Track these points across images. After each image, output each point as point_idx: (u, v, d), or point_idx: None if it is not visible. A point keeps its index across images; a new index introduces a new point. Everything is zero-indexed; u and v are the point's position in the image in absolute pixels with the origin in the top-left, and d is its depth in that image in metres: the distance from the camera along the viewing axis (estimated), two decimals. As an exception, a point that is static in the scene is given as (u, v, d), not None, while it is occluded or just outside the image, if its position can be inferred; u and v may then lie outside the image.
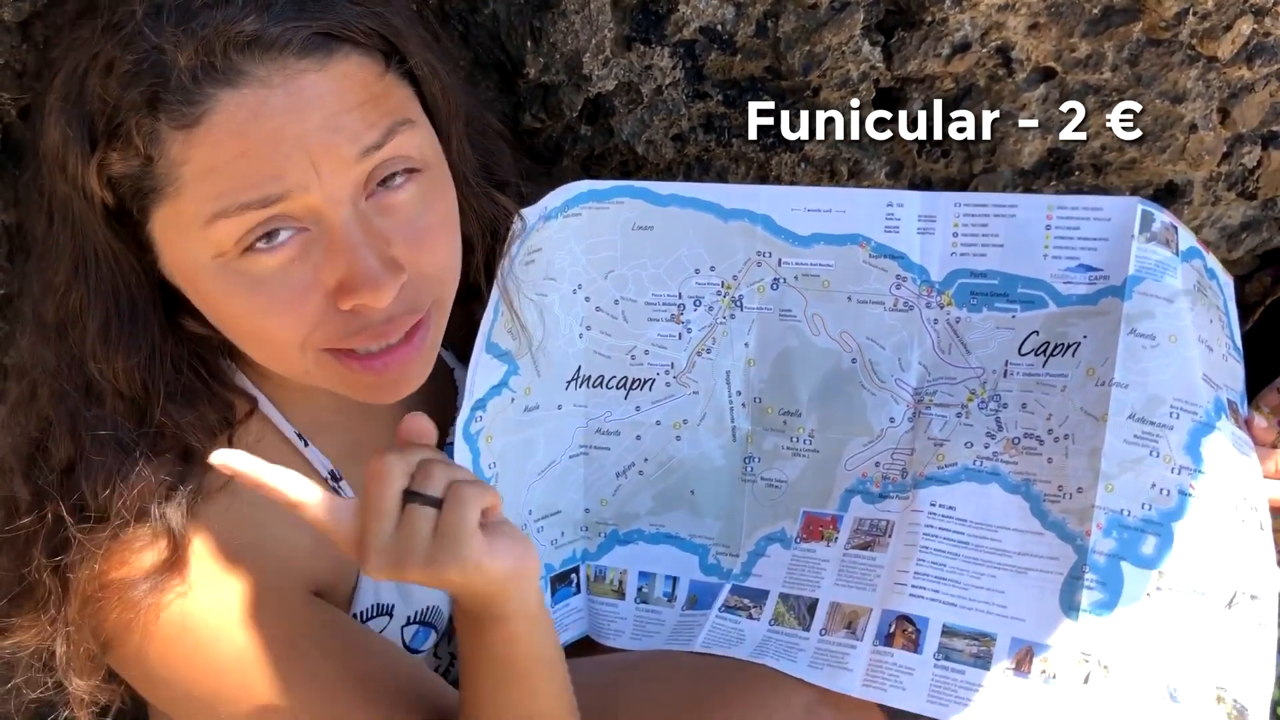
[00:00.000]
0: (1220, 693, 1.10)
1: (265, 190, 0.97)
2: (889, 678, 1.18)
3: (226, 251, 1.00)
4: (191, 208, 0.98)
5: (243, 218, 0.97)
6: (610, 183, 1.31)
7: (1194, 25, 1.33)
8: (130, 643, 1.06)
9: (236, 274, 1.01)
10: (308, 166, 0.97)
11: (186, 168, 0.97)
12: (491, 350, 1.27)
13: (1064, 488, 1.18)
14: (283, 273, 1.01)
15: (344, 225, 1.00)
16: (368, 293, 1.01)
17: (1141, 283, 1.18)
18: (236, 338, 1.08)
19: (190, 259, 1.02)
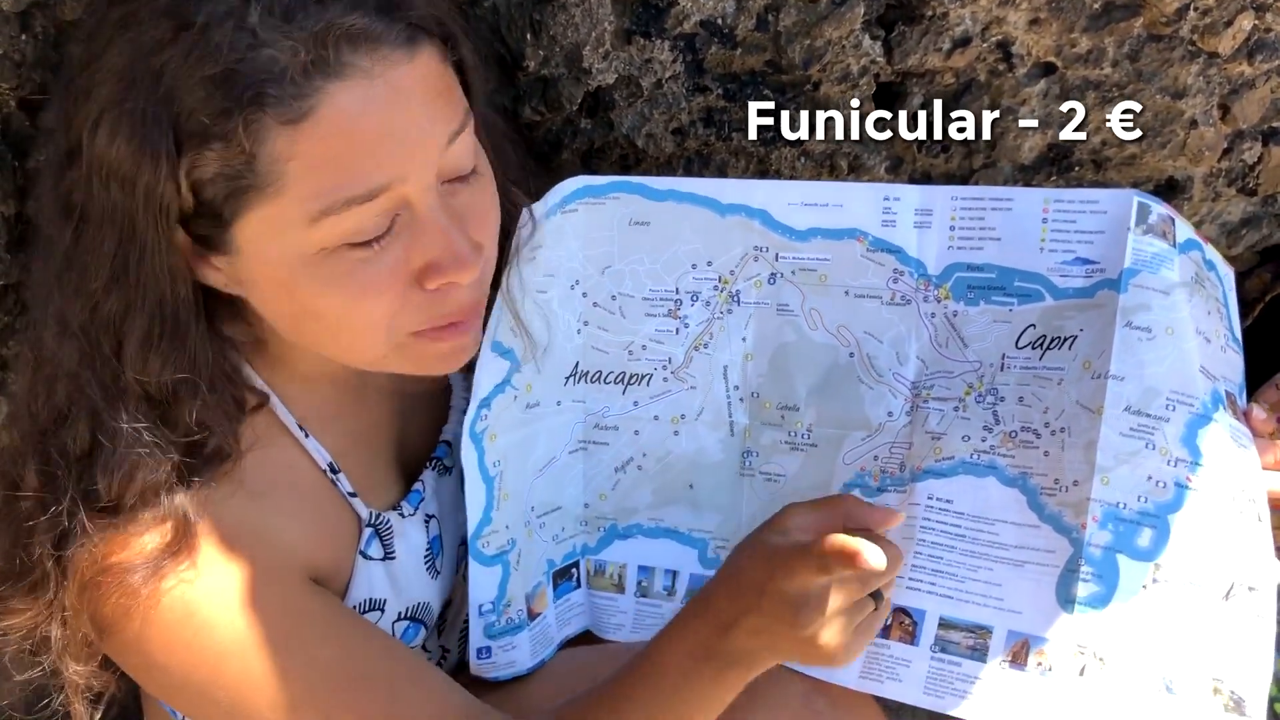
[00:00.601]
0: (1217, 684, 1.11)
1: (371, 183, 1.00)
2: (886, 670, 1.19)
3: (329, 245, 1.02)
4: (294, 205, 1.00)
5: (347, 213, 1.00)
6: (607, 178, 1.33)
7: (1195, 21, 1.34)
8: (129, 628, 1.07)
9: (329, 266, 1.04)
10: (407, 157, 1.01)
11: (292, 163, 0.98)
12: (496, 349, 1.29)
13: (1060, 480, 1.19)
14: (374, 260, 1.04)
15: (432, 209, 1.05)
16: (455, 271, 1.06)
17: (1137, 275, 1.18)
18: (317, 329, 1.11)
19: (280, 256, 1.04)
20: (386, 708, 1.13)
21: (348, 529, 1.25)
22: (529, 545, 1.37)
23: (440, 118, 1.04)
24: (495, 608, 1.34)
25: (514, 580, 1.35)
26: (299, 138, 0.97)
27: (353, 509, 1.25)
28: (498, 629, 1.34)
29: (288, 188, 0.99)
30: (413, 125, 1.02)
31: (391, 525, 1.28)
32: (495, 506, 1.32)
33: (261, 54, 0.95)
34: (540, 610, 1.39)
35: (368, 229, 1.02)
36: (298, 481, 1.22)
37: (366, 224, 1.02)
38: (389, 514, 1.28)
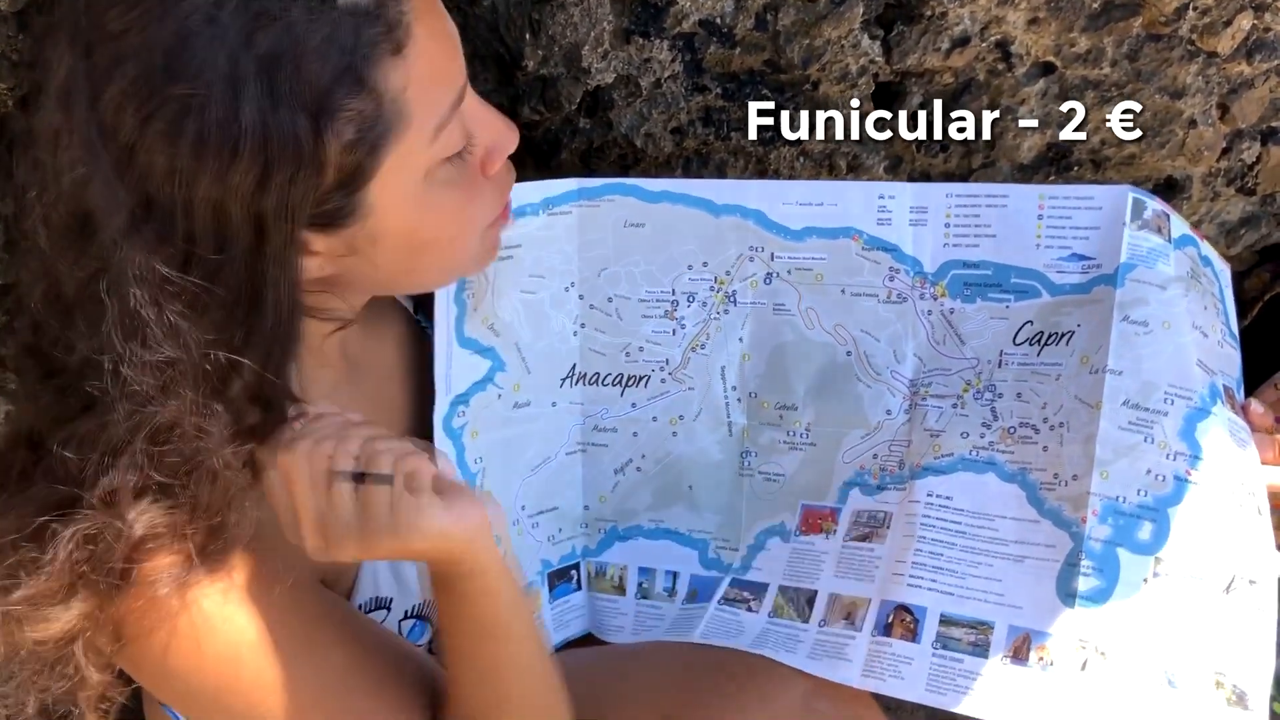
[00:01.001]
0: (1219, 678, 1.11)
1: (458, 84, 1.04)
2: (888, 668, 1.20)
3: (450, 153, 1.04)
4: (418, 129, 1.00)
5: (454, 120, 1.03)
6: (601, 180, 1.34)
7: (1194, 20, 1.35)
8: (152, 638, 1.06)
9: (438, 183, 1.05)
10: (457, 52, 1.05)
11: (410, 88, 0.98)
12: (469, 345, 1.29)
13: (1059, 475, 1.20)
14: (462, 163, 1.07)
15: (476, 100, 1.08)
16: (508, 145, 1.11)
17: (1134, 270, 1.19)
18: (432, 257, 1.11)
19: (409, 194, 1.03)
20: (395, 711, 1.13)
21: None
22: (518, 544, 1.37)
23: None
24: None
25: None
26: (409, 62, 0.97)
27: None
28: None
29: (413, 114, 0.99)
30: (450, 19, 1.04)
31: None
32: None
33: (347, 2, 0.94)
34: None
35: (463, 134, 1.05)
36: None
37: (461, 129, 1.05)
38: None
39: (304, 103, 0.92)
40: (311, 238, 1.01)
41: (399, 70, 0.96)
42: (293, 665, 1.08)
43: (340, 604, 1.19)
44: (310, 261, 1.03)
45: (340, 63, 0.93)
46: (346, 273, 1.08)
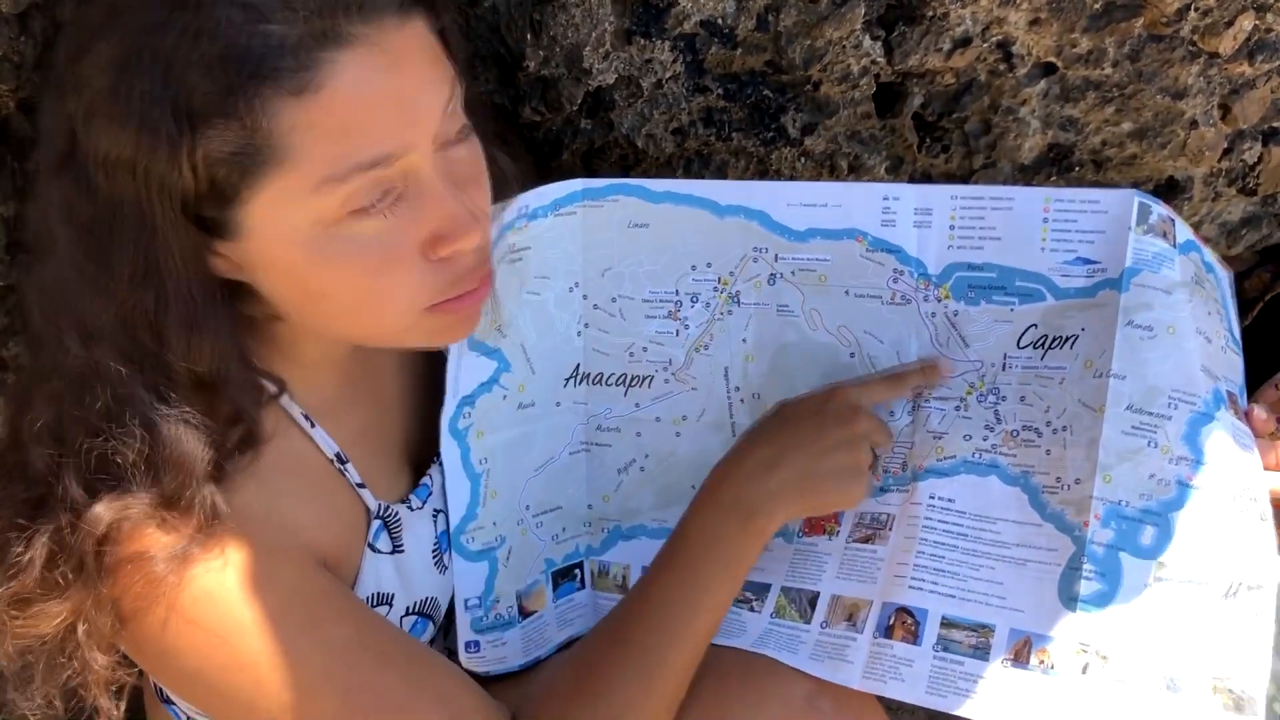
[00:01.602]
0: (1217, 682, 1.12)
1: (378, 150, 1.01)
2: (889, 669, 1.20)
3: (329, 217, 1.03)
4: (301, 174, 1.00)
5: (352, 181, 1.01)
6: (605, 181, 1.35)
7: (1195, 21, 1.36)
8: (152, 617, 1.07)
9: (339, 239, 1.04)
10: (409, 123, 1.03)
11: (298, 134, 0.98)
12: (477, 348, 1.31)
13: (1062, 479, 1.21)
14: (380, 233, 1.05)
15: (432, 179, 1.06)
16: (462, 238, 1.08)
17: (1139, 274, 1.20)
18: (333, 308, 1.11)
19: (291, 234, 1.04)
20: (402, 686, 1.14)
21: (356, 519, 1.27)
22: (522, 543, 1.39)
23: (436, 84, 1.05)
24: (482, 603, 1.36)
25: (502, 577, 1.37)
26: (308, 108, 0.98)
27: (361, 500, 1.27)
28: (485, 624, 1.36)
29: (298, 159, 0.99)
30: (414, 91, 1.03)
31: (400, 518, 1.30)
32: (481, 503, 1.34)
33: (264, 28, 0.96)
34: (536, 609, 1.40)
35: (372, 197, 1.03)
36: (306, 469, 1.23)
37: (371, 192, 1.03)
38: (398, 506, 1.30)
39: (181, 103, 0.97)
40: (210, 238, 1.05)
41: (293, 111, 0.98)
42: (296, 640, 1.10)
43: (340, 586, 1.20)
44: (219, 261, 1.07)
45: (227, 81, 0.96)
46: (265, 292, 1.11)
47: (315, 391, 1.24)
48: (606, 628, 1.24)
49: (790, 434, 1.25)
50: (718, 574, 1.21)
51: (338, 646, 1.13)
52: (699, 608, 1.20)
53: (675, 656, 1.18)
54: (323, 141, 0.99)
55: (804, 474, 1.22)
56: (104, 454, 1.07)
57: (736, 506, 1.22)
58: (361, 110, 0.99)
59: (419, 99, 1.03)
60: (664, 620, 1.19)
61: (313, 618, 1.13)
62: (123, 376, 1.07)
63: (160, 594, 1.06)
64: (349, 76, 0.98)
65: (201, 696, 1.17)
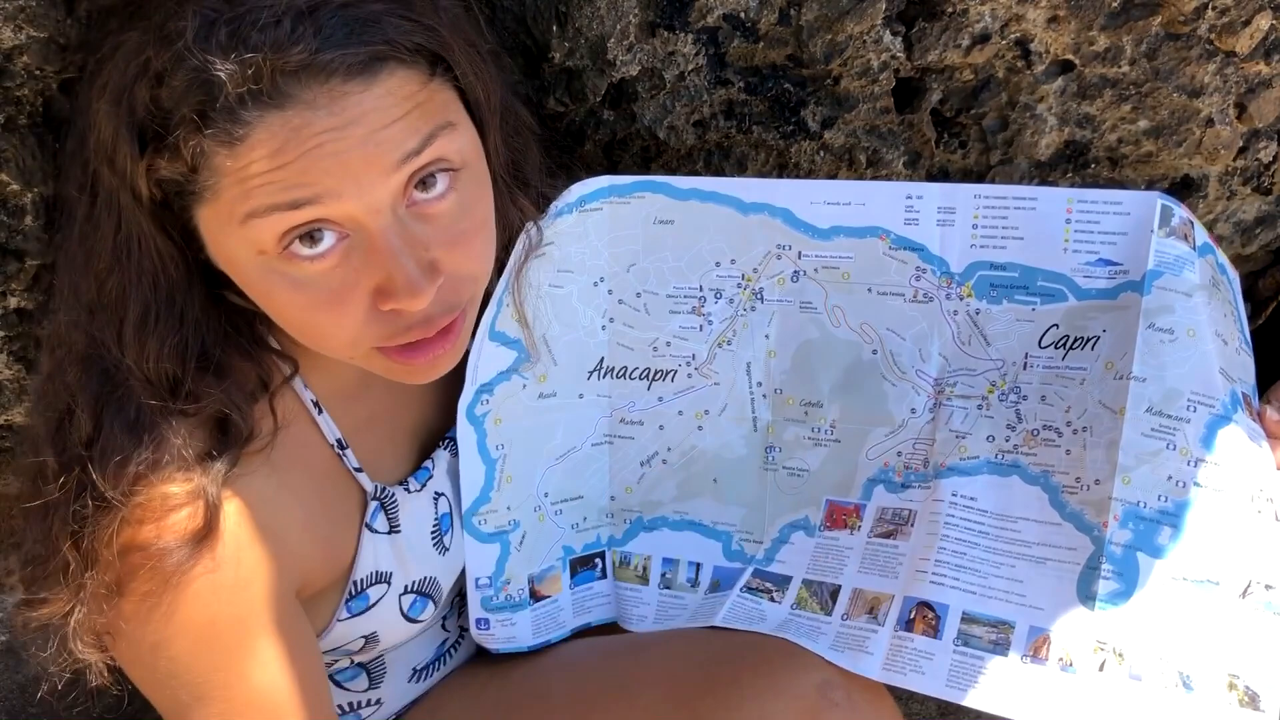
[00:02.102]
0: (1232, 679, 1.15)
1: (293, 195, 1.01)
2: (909, 662, 1.23)
3: (267, 250, 1.04)
4: (227, 209, 1.03)
5: (273, 218, 1.02)
6: (631, 178, 1.36)
7: (1213, 20, 1.37)
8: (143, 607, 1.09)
9: (279, 273, 1.06)
10: (343, 176, 1.01)
11: (227, 178, 1.01)
12: (497, 338, 1.33)
13: (1082, 479, 1.23)
14: (324, 276, 1.06)
15: (383, 233, 1.05)
16: (406, 298, 1.06)
17: (1160, 277, 1.22)
18: (285, 326, 1.14)
19: (234, 253, 1.07)
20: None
21: (353, 502, 1.29)
22: (539, 529, 1.41)
23: (395, 139, 1.03)
24: (493, 583, 1.38)
25: (514, 560, 1.40)
26: (233, 156, 1.00)
27: (358, 483, 1.29)
28: (495, 604, 1.39)
29: (222, 194, 1.02)
30: (356, 149, 1.01)
31: (396, 499, 1.32)
32: (495, 487, 1.37)
33: (205, 76, 0.98)
34: (550, 594, 1.43)
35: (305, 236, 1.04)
36: (309, 459, 1.25)
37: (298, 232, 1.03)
38: (394, 488, 1.32)
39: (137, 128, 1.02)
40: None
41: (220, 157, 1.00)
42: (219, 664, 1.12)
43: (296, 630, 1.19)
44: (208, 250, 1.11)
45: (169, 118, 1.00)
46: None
47: (331, 379, 1.27)
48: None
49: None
50: None
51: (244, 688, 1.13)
52: None
53: None
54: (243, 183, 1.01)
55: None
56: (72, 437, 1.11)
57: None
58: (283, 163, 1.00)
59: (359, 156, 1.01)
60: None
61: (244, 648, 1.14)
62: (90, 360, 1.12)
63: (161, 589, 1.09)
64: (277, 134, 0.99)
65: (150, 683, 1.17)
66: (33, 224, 1.31)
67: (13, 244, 1.32)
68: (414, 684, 1.46)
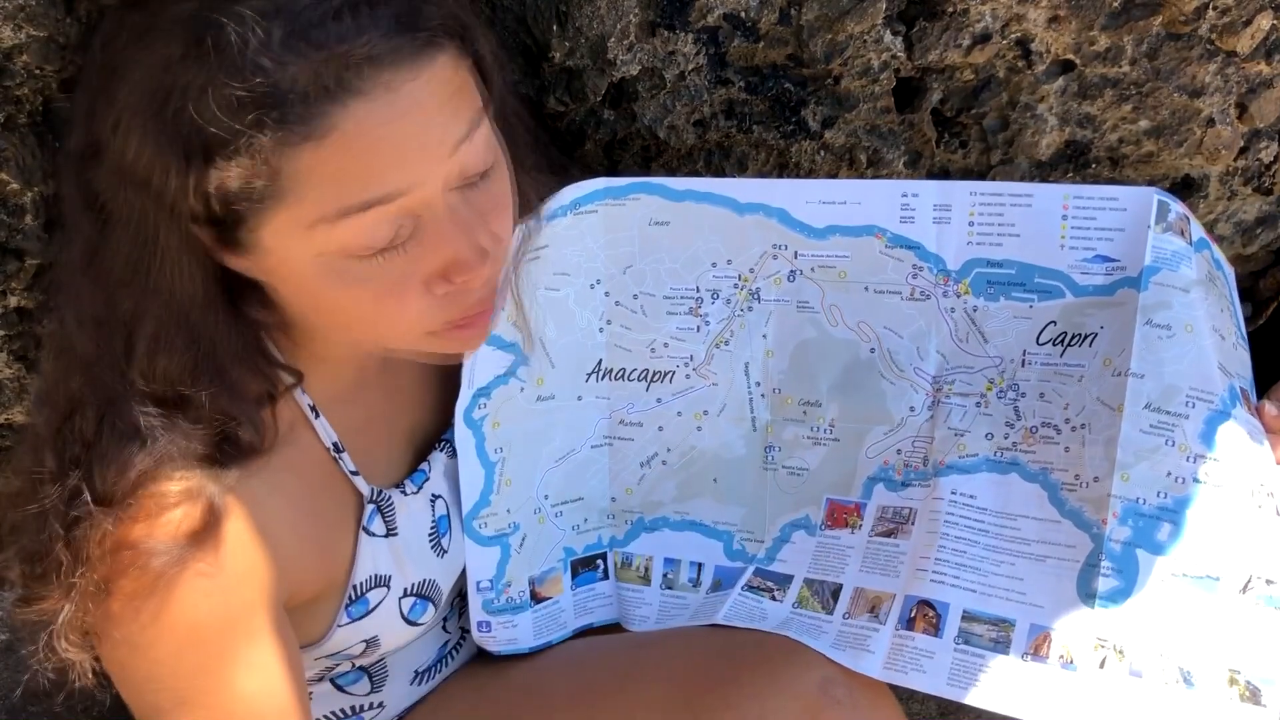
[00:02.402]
0: (1233, 674, 1.15)
1: (386, 188, 1.03)
2: (910, 661, 1.23)
3: (335, 250, 1.06)
4: (314, 210, 1.03)
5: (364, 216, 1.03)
6: (626, 180, 1.37)
7: (1213, 20, 1.37)
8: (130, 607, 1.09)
9: (341, 271, 1.07)
10: (419, 163, 1.04)
11: (302, 176, 1.01)
12: (493, 342, 1.33)
13: (1080, 476, 1.23)
14: (386, 264, 1.08)
15: (440, 218, 1.08)
16: (465, 275, 1.10)
17: (1158, 273, 1.22)
18: (341, 323, 1.16)
19: (297, 258, 1.07)
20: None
21: (348, 506, 1.30)
22: (539, 531, 1.41)
23: (451, 123, 1.07)
24: (494, 586, 1.39)
25: (515, 562, 1.40)
26: (320, 153, 1.00)
27: (354, 487, 1.29)
28: (496, 606, 1.40)
29: (307, 195, 1.02)
30: (426, 134, 1.04)
31: (393, 502, 1.32)
32: (495, 490, 1.37)
33: (283, 74, 0.98)
34: (550, 595, 1.43)
35: (382, 232, 1.06)
36: (305, 464, 1.25)
37: (381, 227, 1.05)
38: (391, 491, 1.33)
39: (198, 137, 1.00)
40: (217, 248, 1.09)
41: (307, 155, 1.00)
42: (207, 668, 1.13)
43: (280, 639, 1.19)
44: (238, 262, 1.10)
45: (244, 122, 0.98)
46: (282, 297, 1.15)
47: (329, 384, 1.27)
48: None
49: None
50: None
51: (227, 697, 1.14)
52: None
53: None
54: (333, 182, 1.02)
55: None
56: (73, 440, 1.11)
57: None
58: (366, 155, 1.02)
59: (427, 141, 1.05)
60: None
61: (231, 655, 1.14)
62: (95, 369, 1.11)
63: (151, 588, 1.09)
64: (363, 124, 1.00)
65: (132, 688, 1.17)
66: (32, 223, 1.32)
67: (13, 243, 1.33)
68: (416, 686, 1.47)
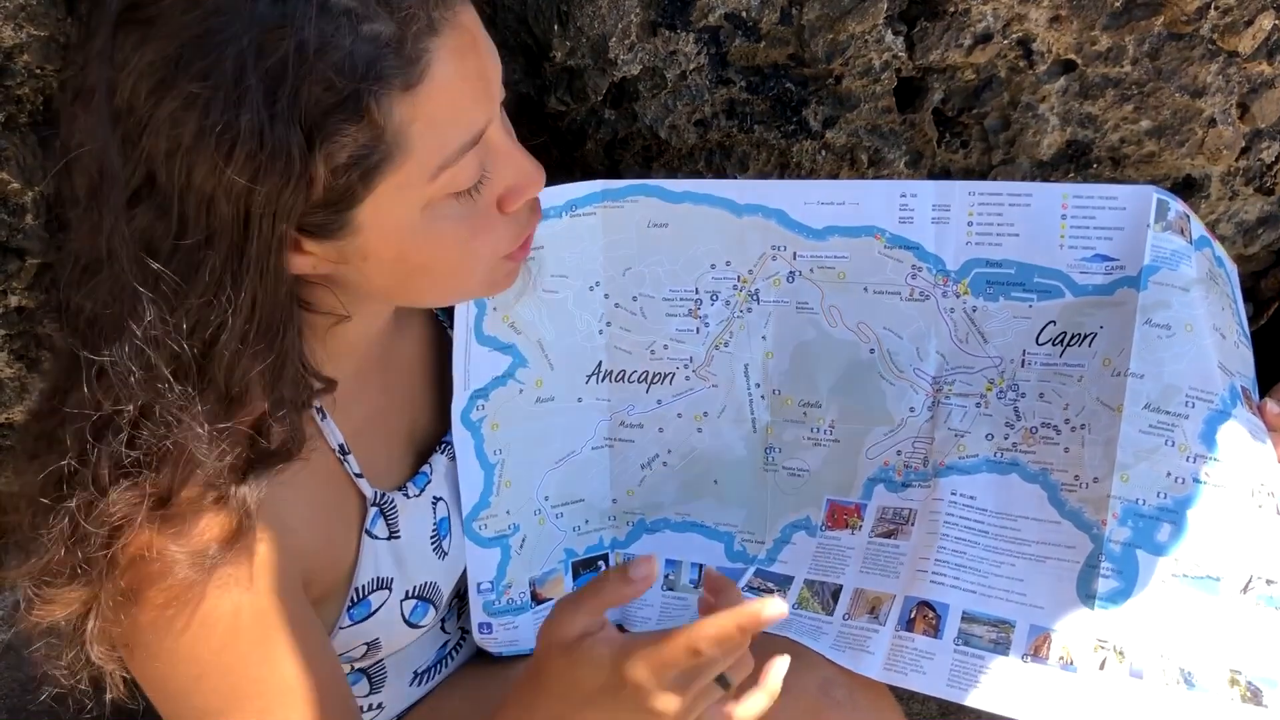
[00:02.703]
0: (1234, 675, 1.15)
1: (476, 126, 1.05)
2: (910, 662, 1.23)
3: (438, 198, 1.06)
4: (418, 166, 1.02)
5: (460, 161, 1.04)
6: (624, 182, 1.37)
7: (1215, 20, 1.37)
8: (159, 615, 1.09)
9: (440, 216, 1.08)
10: (492, 95, 1.07)
11: (416, 124, 1.00)
12: (487, 342, 1.34)
13: (1080, 477, 1.23)
14: (471, 199, 1.09)
15: (504, 138, 1.11)
16: (530, 189, 1.14)
17: (1157, 272, 1.22)
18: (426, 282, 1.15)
19: (401, 221, 1.06)
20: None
21: (353, 508, 1.30)
22: (539, 532, 1.42)
23: (495, 50, 1.09)
24: (494, 587, 1.39)
25: (515, 564, 1.41)
26: (419, 99, 0.99)
27: (358, 489, 1.29)
28: (497, 608, 1.40)
29: (414, 150, 1.01)
30: (489, 62, 1.07)
31: (396, 505, 1.32)
32: (494, 492, 1.38)
33: (366, 30, 0.96)
34: (552, 596, 1.43)
35: (473, 173, 1.07)
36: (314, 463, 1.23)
37: (473, 168, 1.07)
38: (394, 494, 1.33)
39: (300, 120, 0.95)
40: (302, 239, 1.06)
41: (407, 105, 0.99)
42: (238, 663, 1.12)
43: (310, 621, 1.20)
44: (302, 260, 1.08)
45: (345, 89, 0.95)
46: (341, 277, 1.13)
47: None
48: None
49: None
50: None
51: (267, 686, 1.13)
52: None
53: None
54: (438, 129, 1.02)
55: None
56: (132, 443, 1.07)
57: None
58: (460, 92, 1.03)
59: (493, 68, 1.07)
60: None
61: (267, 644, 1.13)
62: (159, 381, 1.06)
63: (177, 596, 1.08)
64: (446, 62, 1.00)
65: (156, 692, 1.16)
66: (33, 222, 1.32)
67: (14, 242, 1.34)
68: (415, 687, 1.47)
